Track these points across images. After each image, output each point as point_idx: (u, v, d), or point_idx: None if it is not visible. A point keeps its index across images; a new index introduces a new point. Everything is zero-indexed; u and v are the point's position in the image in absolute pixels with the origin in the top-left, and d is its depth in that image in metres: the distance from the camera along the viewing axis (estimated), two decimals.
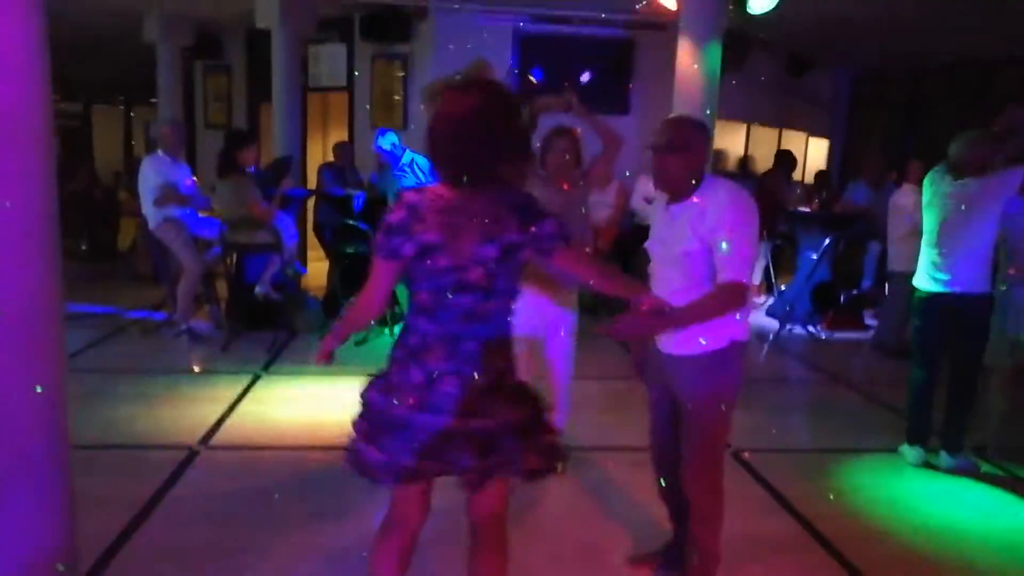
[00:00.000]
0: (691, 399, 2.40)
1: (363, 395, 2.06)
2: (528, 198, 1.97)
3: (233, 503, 3.30)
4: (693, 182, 2.37)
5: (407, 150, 6.04)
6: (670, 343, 2.41)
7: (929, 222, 3.84)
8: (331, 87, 8.87)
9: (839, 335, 6.99)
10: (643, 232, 7.22)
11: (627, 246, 7.22)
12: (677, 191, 2.42)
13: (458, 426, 1.89)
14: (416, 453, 1.89)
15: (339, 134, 8.98)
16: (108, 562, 2.78)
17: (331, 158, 7.59)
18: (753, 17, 5.24)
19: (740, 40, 7.44)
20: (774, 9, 5.15)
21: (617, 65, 7.92)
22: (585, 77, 8.03)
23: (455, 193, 1.92)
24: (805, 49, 9.42)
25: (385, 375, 2.02)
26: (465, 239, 1.88)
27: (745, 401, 2.55)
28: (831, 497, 3.58)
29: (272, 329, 5.84)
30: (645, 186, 7.26)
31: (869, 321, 7.28)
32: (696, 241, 2.30)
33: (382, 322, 6.07)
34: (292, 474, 3.65)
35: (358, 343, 5.62)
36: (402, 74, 8.12)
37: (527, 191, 2.02)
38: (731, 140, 9.09)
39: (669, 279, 2.40)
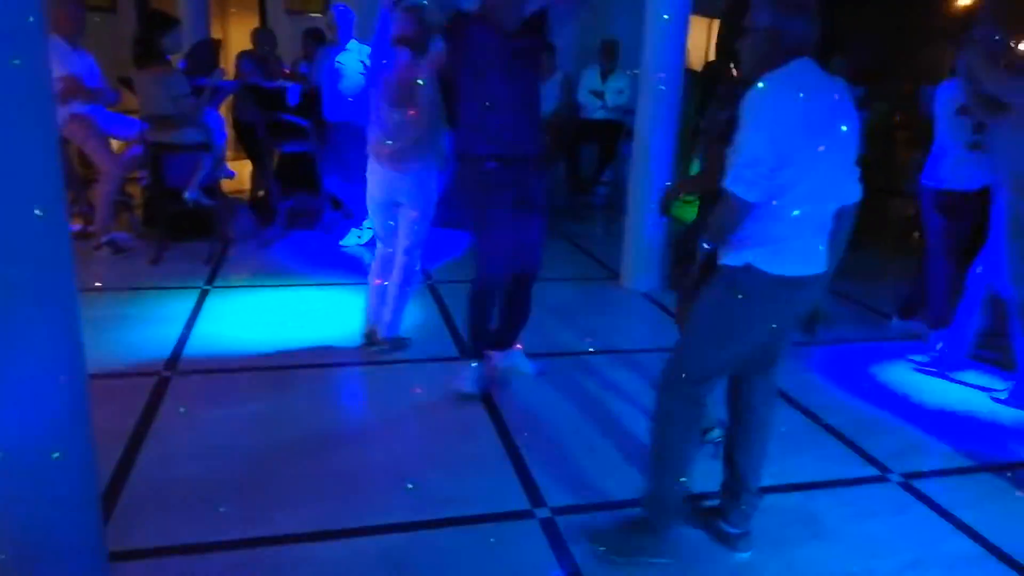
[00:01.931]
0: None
1: None
2: None
3: (225, 432, 3.01)
4: None
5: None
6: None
7: None
8: None
9: None
10: (589, 126, 7.14)
11: (572, 140, 7.01)
12: None
13: None
14: None
15: (247, 20, 8.10)
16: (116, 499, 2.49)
17: (248, 46, 6.83)
18: None
19: None
20: None
21: None
22: None
23: None
24: None
25: None
26: None
27: None
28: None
29: (203, 239, 5.32)
30: (592, 78, 7.00)
31: None
32: None
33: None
34: (277, 396, 3.36)
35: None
36: None
37: None
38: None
39: None
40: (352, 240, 5.68)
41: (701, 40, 9.36)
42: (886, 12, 8.93)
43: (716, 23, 9.84)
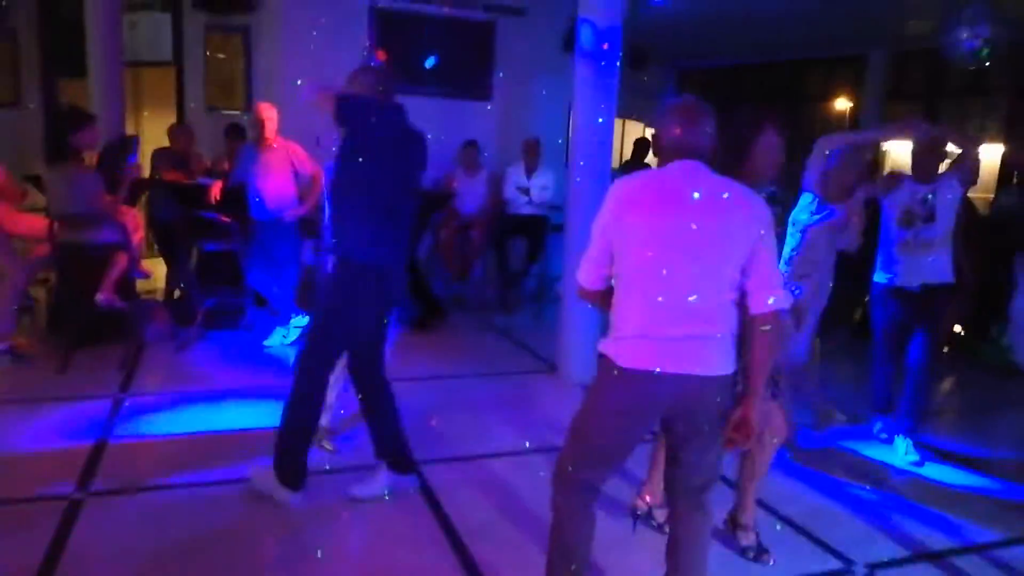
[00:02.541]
0: None
1: None
2: None
3: (147, 562, 2.70)
4: None
5: None
6: None
7: None
8: (153, 61, 7.78)
9: None
10: (516, 221, 7.21)
11: (500, 234, 7.06)
12: None
13: None
14: None
15: (163, 116, 7.92)
16: None
17: (166, 143, 6.64)
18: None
19: None
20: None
21: (478, 49, 7.67)
22: (430, 62, 7.78)
23: None
24: (643, 42, 9.74)
25: None
26: None
27: None
28: None
29: (116, 343, 4.97)
30: (518, 175, 7.13)
31: None
32: None
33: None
34: (206, 516, 3.07)
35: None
36: (242, 49, 7.30)
37: None
38: None
39: None
40: (277, 340, 5.43)
41: (616, 139, 9.84)
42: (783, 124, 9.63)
43: (627, 123, 10.40)
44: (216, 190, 5.54)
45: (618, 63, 4.85)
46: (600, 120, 4.72)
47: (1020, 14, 5.88)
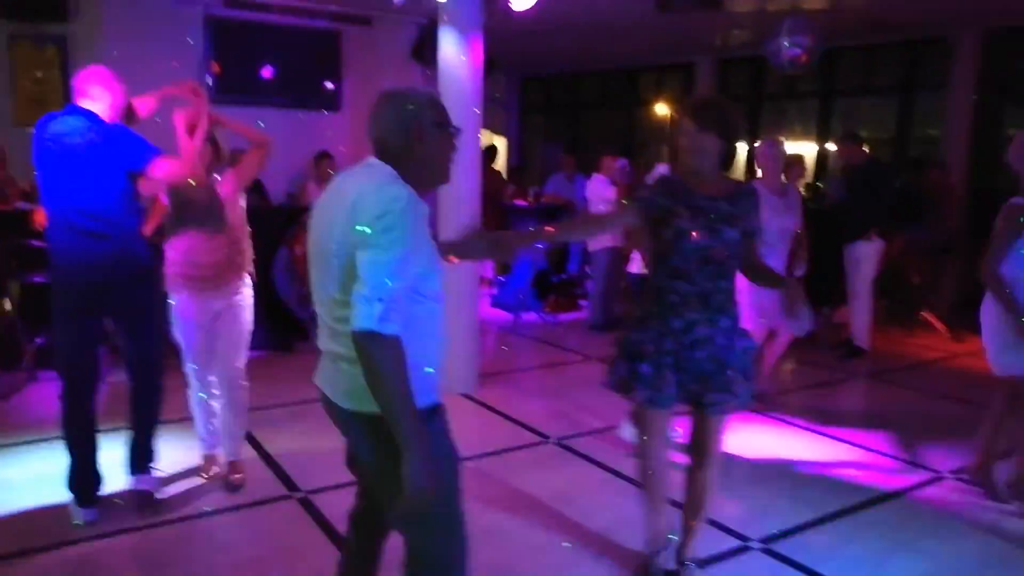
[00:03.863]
0: None
1: None
2: None
3: None
4: None
5: None
6: None
7: None
8: None
9: (564, 317, 7.53)
10: None
11: None
12: None
13: None
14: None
15: None
16: None
17: None
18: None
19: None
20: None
21: (324, 59, 7.42)
22: (267, 72, 7.45)
23: None
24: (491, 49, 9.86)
25: None
26: None
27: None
28: None
29: None
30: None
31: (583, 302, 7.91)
32: None
33: None
34: None
35: None
36: (58, 61, 6.61)
37: None
38: None
39: None
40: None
41: None
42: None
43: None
44: (40, 216, 4.96)
45: (481, 71, 4.86)
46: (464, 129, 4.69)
47: (826, 26, 6.48)
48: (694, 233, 2.39)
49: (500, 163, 10.61)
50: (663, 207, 2.44)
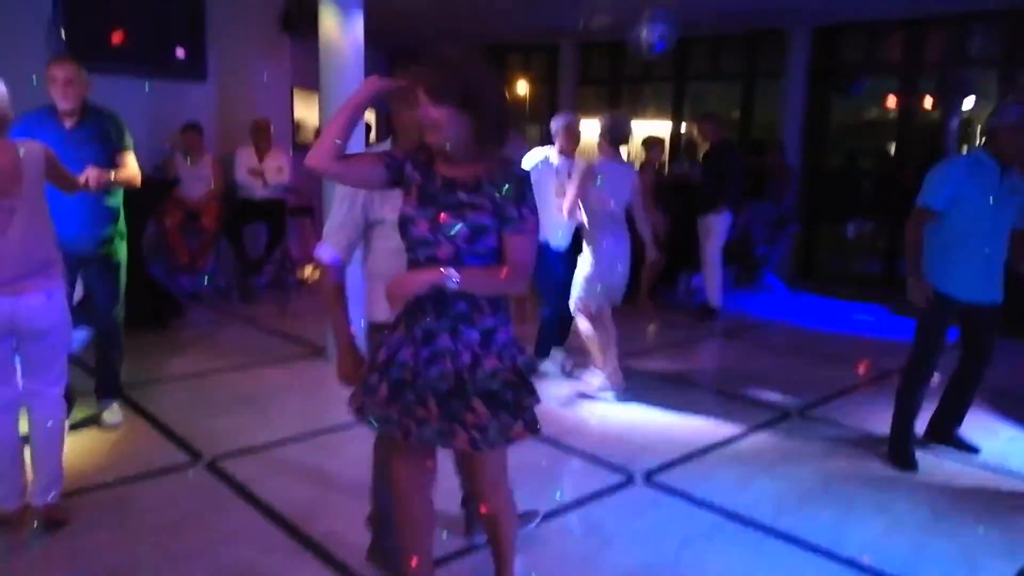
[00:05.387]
0: None
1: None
2: None
3: None
4: None
5: None
6: None
7: None
8: None
9: None
10: (252, 206, 6.90)
11: (234, 221, 6.71)
12: None
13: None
14: None
15: None
16: None
17: None
18: None
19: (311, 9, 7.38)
20: None
21: (187, 27, 7.11)
22: (117, 38, 7.06)
23: None
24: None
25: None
26: None
27: None
28: None
29: None
30: (248, 157, 6.80)
31: None
32: None
33: None
34: None
35: None
36: None
37: None
38: (309, 110, 8.88)
39: None
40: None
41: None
42: None
43: None
44: None
45: (362, 47, 4.92)
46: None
47: (680, 14, 7.00)
48: (422, 223, 1.95)
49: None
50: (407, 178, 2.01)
